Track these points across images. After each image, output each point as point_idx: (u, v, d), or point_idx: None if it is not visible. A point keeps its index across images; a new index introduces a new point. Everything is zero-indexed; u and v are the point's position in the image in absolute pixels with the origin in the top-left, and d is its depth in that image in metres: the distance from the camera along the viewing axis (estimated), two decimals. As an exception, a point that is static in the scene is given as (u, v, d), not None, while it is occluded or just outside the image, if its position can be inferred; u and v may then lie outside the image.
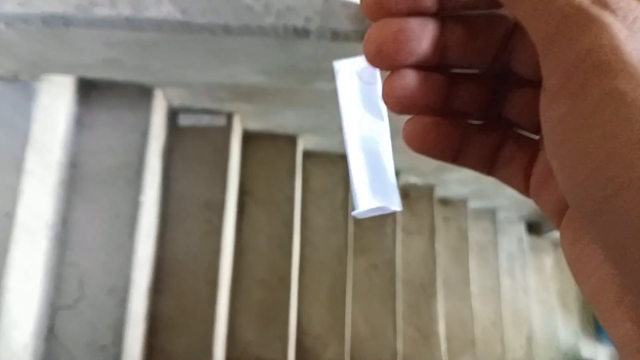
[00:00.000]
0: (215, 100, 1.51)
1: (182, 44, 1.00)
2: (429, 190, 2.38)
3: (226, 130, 1.61)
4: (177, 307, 1.46)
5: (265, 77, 1.21)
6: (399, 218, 2.16)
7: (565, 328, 3.07)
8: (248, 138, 1.77)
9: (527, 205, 2.68)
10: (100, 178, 1.32)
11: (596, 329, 3.20)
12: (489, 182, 2.29)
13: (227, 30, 0.88)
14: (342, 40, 0.89)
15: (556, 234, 2.90)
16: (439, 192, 2.43)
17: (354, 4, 0.90)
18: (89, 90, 1.37)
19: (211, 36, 0.90)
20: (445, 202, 2.55)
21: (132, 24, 0.89)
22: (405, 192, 2.36)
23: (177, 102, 1.53)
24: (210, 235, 1.52)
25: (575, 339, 3.10)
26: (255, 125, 1.72)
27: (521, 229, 2.90)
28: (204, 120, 1.54)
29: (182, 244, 1.50)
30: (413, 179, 2.30)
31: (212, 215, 1.54)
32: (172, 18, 0.91)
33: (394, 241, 2.12)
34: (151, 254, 1.45)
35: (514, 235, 2.86)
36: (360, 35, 0.88)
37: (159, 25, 0.90)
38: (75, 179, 1.31)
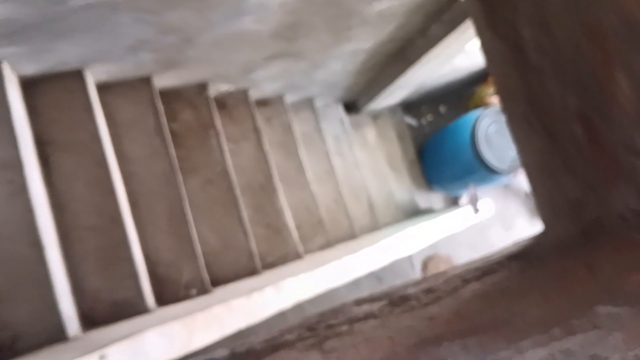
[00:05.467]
0: (-30, 49, 1.33)
1: None
2: (243, 94, 2.38)
3: (-3, 82, 1.44)
4: (5, 278, 1.36)
5: (6, 5, 1.08)
6: (221, 129, 2.16)
7: (400, 188, 3.41)
8: (29, 84, 1.60)
9: (339, 87, 2.83)
10: None
11: (427, 181, 3.60)
12: (297, 74, 2.37)
13: None
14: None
15: (372, 107, 3.13)
16: (254, 94, 2.46)
17: None
18: None
19: None
20: (263, 102, 2.59)
21: None
22: (221, 102, 2.35)
23: None
24: (17, 196, 1.39)
25: (410, 195, 3.47)
26: (31, 68, 1.55)
27: (339, 110, 3.07)
28: (-37, 74, 1.36)
29: (-14, 214, 1.37)
30: (225, 87, 2.29)
31: (12, 174, 1.40)
32: None
33: (221, 153, 2.13)
34: (-48, 234, 1.31)
35: (334, 118, 3.02)
36: None
37: None
38: None
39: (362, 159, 3.08)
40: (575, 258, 0.69)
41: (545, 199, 0.97)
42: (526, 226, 3.70)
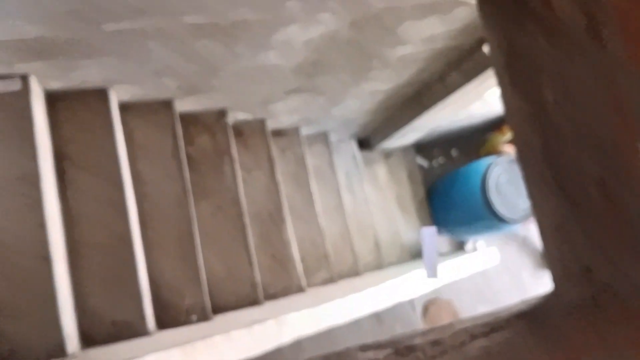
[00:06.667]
0: (2, 62, 1.36)
1: None
2: (260, 124, 2.41)
3: (24, 95, 1.47)
4: (10, 291, 1.36)
5: (44, 26, 1.11)
6: (235, 156, 2.18)
7: (407, 228, 3.40)
8: (53, 99, 1.63)
9: (354, 124, 2.86)
10: None
11: (435, 223, 3.59)
12: (314, 109, 2.40)
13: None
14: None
15: (385, 145, 3.15)
16: (271, 125, 2.48)
17: None
18: None
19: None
20: (278, 133, 2.61)
21: None
22: (238, 130, 2.38)
23: (-45, 72, 1.36)
24: (30, 210, 1.41)
25: (417, 236, 3.45)
26: (57, 84, 1.59)
27: (353, 146, 3.09)
28: (-7, 86, 1.39)
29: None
30: (243, 115, 2.32)
31: (28, 188, 1.42)
32: None
33: (234, 180, 2.14)
34: (-36, 242, 1.32)
35: (347, 153, 3.04)
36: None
37: None
38: None
39: (371, 196, 3.09)
40: (586, 324, 0.69)
41: (557, 259, 0.96)
42: (533, 278, 3.67)
